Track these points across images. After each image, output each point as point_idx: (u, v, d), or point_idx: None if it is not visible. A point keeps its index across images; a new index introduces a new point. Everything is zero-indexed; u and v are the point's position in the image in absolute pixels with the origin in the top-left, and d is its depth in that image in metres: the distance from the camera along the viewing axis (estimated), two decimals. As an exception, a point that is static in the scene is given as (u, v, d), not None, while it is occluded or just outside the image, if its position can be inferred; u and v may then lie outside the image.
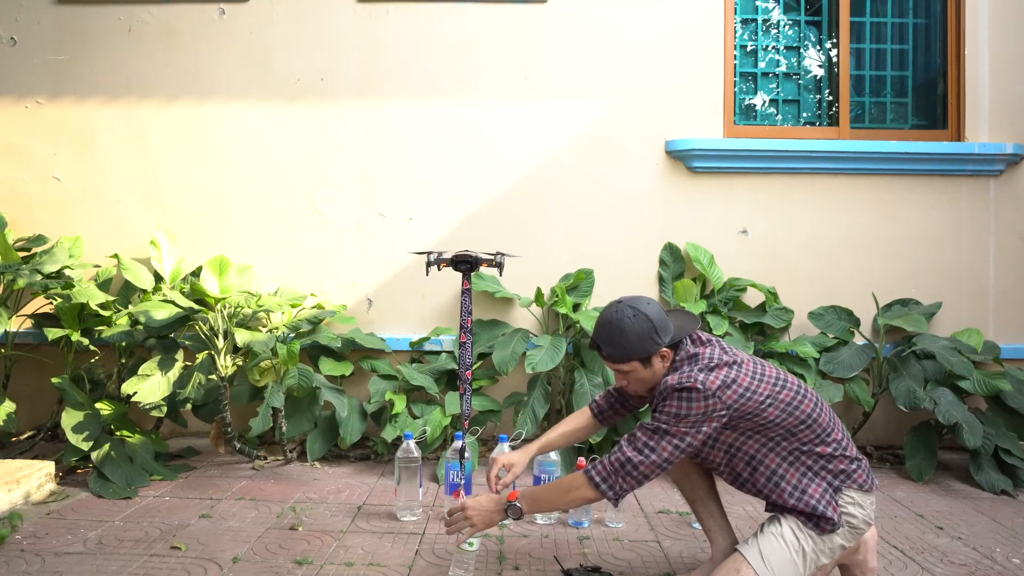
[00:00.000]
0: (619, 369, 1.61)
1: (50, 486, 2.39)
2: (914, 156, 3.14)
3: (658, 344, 1.56)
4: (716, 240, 3.20)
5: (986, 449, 2.63)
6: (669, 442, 1.47)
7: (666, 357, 1.58)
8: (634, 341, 1.55)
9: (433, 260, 2.45)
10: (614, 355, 1.59)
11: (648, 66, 3.23)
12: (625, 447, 1.49)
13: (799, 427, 1.51)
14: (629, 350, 1.56)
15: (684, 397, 1.46)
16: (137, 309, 2.65)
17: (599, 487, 1.48)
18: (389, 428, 2.70)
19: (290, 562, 1.86)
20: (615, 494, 1.49)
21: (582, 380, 2.78)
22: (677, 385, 1.47)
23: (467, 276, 2.46)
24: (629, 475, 1.47)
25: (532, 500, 1.59)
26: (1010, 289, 3.20)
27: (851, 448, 1.55)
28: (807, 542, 1.49)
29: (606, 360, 1.62)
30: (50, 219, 3.24)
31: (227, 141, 3.25)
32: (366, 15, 3.23)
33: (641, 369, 1.59)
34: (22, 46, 3.25)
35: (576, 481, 1.52)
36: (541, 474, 2.17)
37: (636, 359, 1.57)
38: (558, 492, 1.58)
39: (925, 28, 3.38)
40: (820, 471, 1.51)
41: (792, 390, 1.52)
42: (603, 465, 1.49)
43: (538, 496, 1.60)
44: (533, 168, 3.23)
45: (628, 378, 1.63)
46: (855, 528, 1.51)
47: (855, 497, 1.51)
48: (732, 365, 1.53)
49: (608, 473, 1.48)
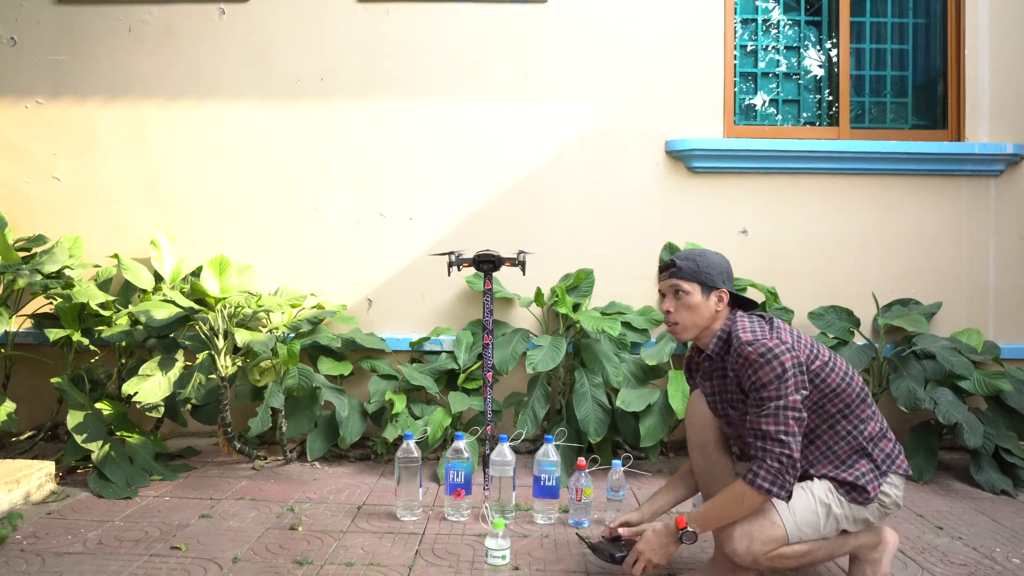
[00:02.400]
0: (679, 287, 1.65)
1: (50, 486, 2.39)
2: (914, 156, 3.14)
3: (725, 284, 1.64)
4: (716, 240, 3.20)
5: (986, 449, 2.63)
6: (792, 416, 1.48)
7: (722, 300, 1.64)
8: (709, 267, 1.63)
9: (455, 260, 2.44)
10: (685, 269, 1.64)
11: (648, 66, 3.23)
12: (770, 446, 1.48)
13: (855, 401, 1.58)
14: (701, 271, 1.63)
15: (772, 356, 1.50)
16: (137, 309, 2.65)
17: (771, 491, 1.48)
18: (389, 428, 2.70)
19: (290, 562, 1.86)
20: (787, 492, 1.49)
21: (582, 380, 2.79)
22: (760, 347, 1.51)
23: (489, 276, 2.45)
24: (790, 468, 1.48)
25: (703, 520, 1.57)
26: (1010, 289, 3.20)
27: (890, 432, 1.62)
28: (835, 503, 1.55)
29: (671, 276, 1.66)
30: (50, 219, 3.24)
31: (227, 141, 3.25)
32: (366, 15, 3.23)
33: (698, 296, 1.63)
34: (22, 46, 3.25)
35: (745, 493, 1.50)
36: (541, 474, 2.17)
37: (702, 283, 1.63)
38: (728, 508, 1.53)
39: (925, 28, 3.38)
40: (871, 451, 1.58)
41: (843, 361, 1.62)
42: (765, 471, 1.48)
43: (707, 516, 1.57)
44: (533, 168, 3.23)
45: (679, 303, 1.65)
46: (885, 507, 1.58)
47: (894, 480, 1.59)
48: (789, 329, 1.61)
49: (775, 475, 1.47)
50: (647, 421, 2.69)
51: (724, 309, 1.66)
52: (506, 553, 1.75)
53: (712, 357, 1.68)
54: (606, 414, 2.70)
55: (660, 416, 2.71)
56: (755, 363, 1.51)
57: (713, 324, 1.66)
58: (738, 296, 1.68)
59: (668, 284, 1.68)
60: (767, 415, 1.49)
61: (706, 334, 1.67)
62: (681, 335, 1.69)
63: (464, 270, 2.46)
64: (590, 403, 2.71)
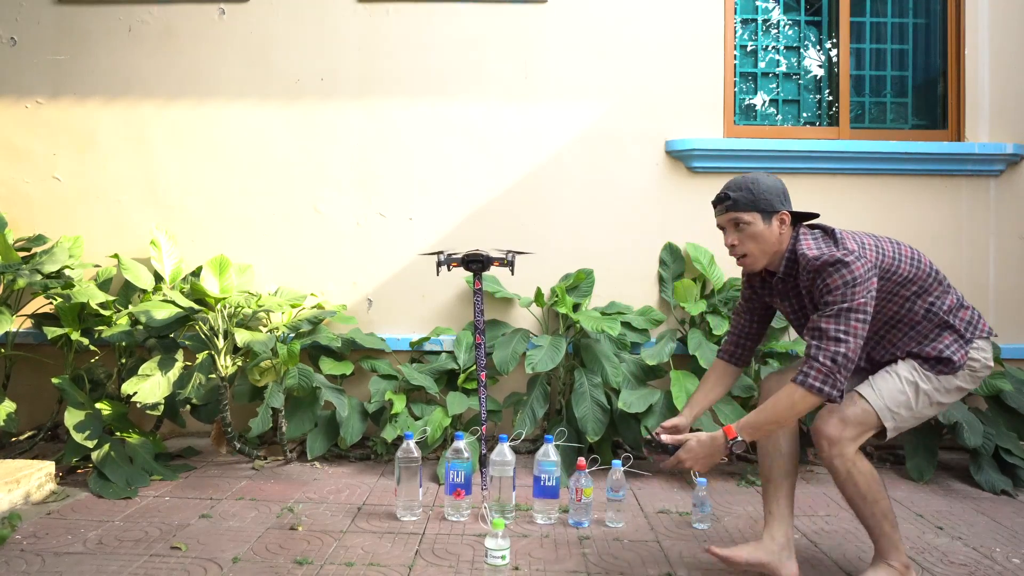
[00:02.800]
0: (738, 219, 1.64)
1: (50, 486, 2.39)
2: (914, 156, 3.14)
3: (783, 205, 1.64)
4: (716, 240, 3.19)
5: (986, 449, 2.63)
6: (855, 317, 1.50)
7: (784, 222, 1.64)
8: (764, 192, 1.63)
9: (443, 260, 2.44)
10: (741, 200, 1.63)
11: (648, 66, 3.23)
12: (824, 344, 1.50)
13: (928, 281, 1.62)
14: (758, 199, 1.63)
15: (841, 265, 1.51)
16: (137, 309, 2.65)
17: (822, 391, 1.49)
18: (389, 428, 2.70)
19: (290, 562, 1.86)
20: (839, 391, 1.50)
21: (582, 380, 2.78)
22: (829, 259, 1.52)
23: (479, 276, 2.46)
24: (843, 367, 1.49)
25: (753, 428, 1.57)
26: (1010, 289, 3.20)
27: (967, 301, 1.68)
28: (922, 380, 1.60)
29: (728, 210, 1.66)
30: (50, 219, 3.24)
31: (227, 141, 3.25)
32: (366, 15, 3.23)
33: (760, 224, 1.63)
34: (22, 46, 3.25)
35: (794, 395, 1.51)
36: (541, 474, 2.17)
37: (760, 211, 1.63)
38: (780, 411, 1.54)
39: (925, 28, 3.38)
40: (952, 322, 1.62)
41: (907, 247, 1.66)
42: (816, 370, 1.49)
43: (757, 422, 1.57)
44: (533, 168, 3.23)
45: (742, 235, 1.66)
46: (975, 372, 1.63)
47: (980, 344, 1.64)
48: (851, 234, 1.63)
49: (826, 375, 1.49)
50: (648, 422, 2.69)
51: (787, 230, 1.66)
52: (506, 553, 1.75)
53: (784, 278, 1.69)
54: (605, 414, 2.70)
55: (661, 417, 2.70)
56: (823, 275, 1.53)
57: (781, 247, 1.67)
58: (798, 212, 1.69)
59: (727, 218, 1.67)
60: (829, 315, 1.51)
61: (776, 257, 1.68)
62: (753, 266, 1.69)
63: (455, 270, 2.46)
64: (590, 403, 2.71)
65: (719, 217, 1.71)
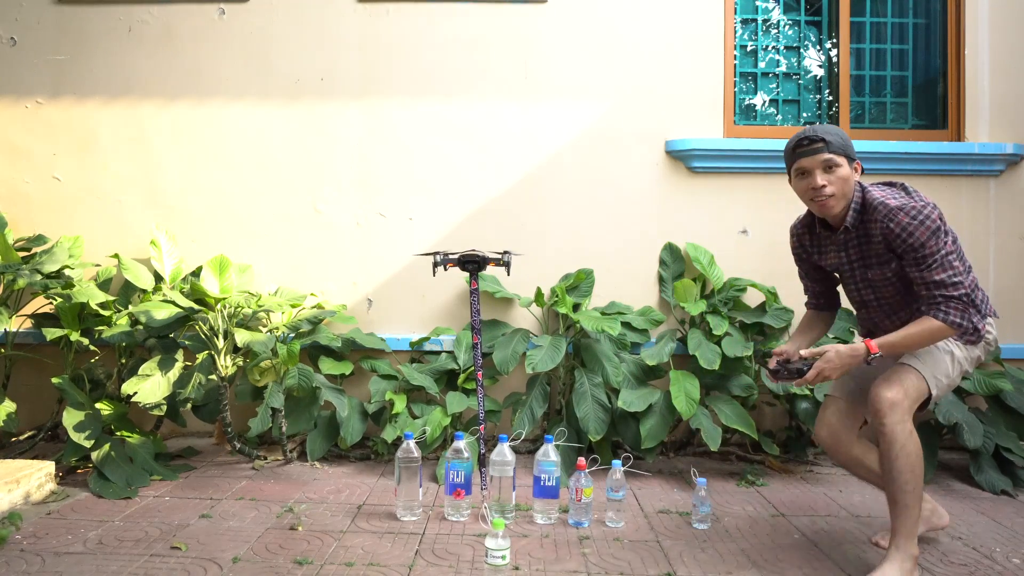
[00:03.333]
0: (830, 162, 1.74)
1: (50, 486, 2.39)
2: (914, 156, 3.14)
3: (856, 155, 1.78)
4: (716, 240, 3.20)
5: (986, 449, 2.63)
6: (952, 259, 1.66)
7: (858, 171, 1.78)
8: (849, 140, 1.77)
9: (440, 260, 2.45)
10: (835, 143, 1.74)
11: (648, 66, 3.23)
12: (948, 291, 1.65)
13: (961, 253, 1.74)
14: (847, 144, 1.76)
15: (922, 218, 1.65)
16: (137, 309, 2.65)
17: (961, 324, 1.66)
18: (389, 428, 2.70)
19: (290, 562, 1.86)
20: (973, 325, 1.68)
21: (582, 380, 2.78)
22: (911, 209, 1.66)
23: (475, 276, 2.46)
24: (972, 303, 1.67)
25: (890, 346, 1.70)
26: (1010, 289, 3.20)
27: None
28: (956, 348, 1.76)
29: (820, 151, 1.74)
30: (50, 219, 3.24)
31: (227, 141, 3.25)
32: (366, 15, 3.23)
33: (846, 168, 1.75)
34: (22, 46, 3.25)
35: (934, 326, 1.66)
36: (541, 474, 2.17)
37: (848, 155, 1.75)
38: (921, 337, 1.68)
39: (925, 28, 3.38)
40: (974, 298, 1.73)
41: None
42: (952, 308, 1.65)
43: (895, 342, 1.70)
44: (533, 168, 3.23)
45: (832, 176, 1.75)
46: (988, 344, 1.81)
47: (991, 321, 1.83)
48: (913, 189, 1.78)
49: (962, 310, 1.66)
50: (648, 422, 2.69)
51: (860, 169, 1.79)
52: (506, 553, 1.75)
53: (849, 227, 1.80)
54: (606, 414, 2.70)
55: (661, 417, 2.71)
56: (909, 226, 1.65)
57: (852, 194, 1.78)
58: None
59: (821, 159, 1.75)
60: (935, 266, 1.65)
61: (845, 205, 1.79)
62: (835, 207, 1.78)
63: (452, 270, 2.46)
64: (590, 403, 2.71)
65: (808, 159, 1.77)
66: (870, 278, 1.83)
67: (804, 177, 1.79)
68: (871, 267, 1.81)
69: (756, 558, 1.93)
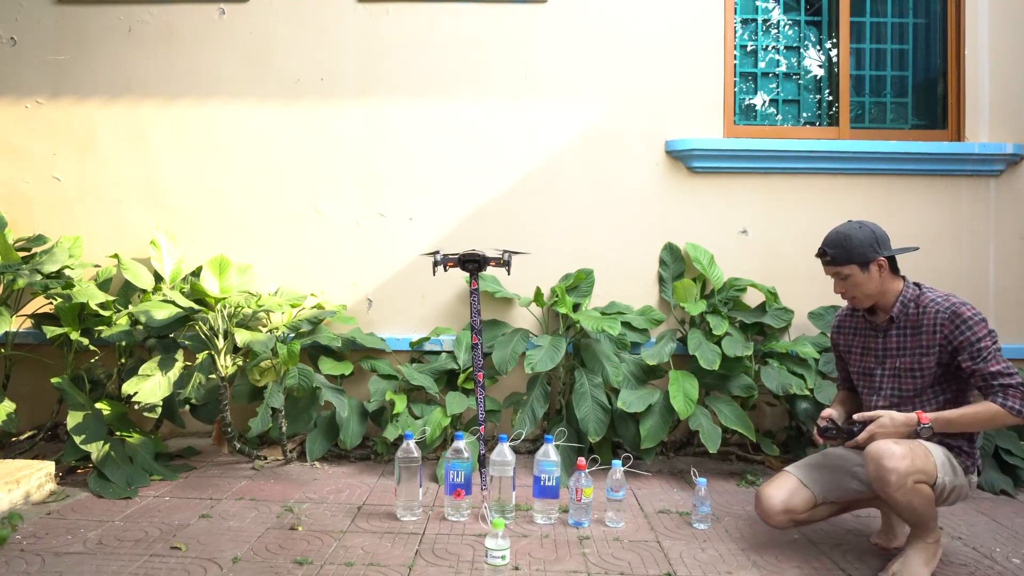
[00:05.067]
0: (839, 273, 1.88)
1: (50, 486, 2.39)
2: (914, 156, 3.14)
3: (877, 253, 1.85)
4: (716, 240, 3.20)
5: (986, 449, 2.63)
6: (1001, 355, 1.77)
7: (883, 267, 1.87)
8: (856, 246, 1.85)
9: (440, 260, 2.45)
10: (837, 257, 1.87)
11: (648, 66, 3.23)
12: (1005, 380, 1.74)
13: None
14: (851, 253, 1.85)
15: (980, 317, 1.77)
16: (137, 309, 2.65)
17: (1021, 412, 1.73)
18: (389, 428, 2.70)
19: (290, 562, 1.86)
20: None
21: (582, 380, 2.78)
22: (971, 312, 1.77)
23: (475, 276, 2.46)
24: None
25: (945, 422, 1.77)
26: (1010, 289, 3.20)
27: None
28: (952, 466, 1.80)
29: (828, 264, 1.89)
30: (50, 219, 3.24)
31: (227, 141, 3.25)
32: (366, 15, 3.23)
33: (859, 273, 1.86)
34: (22, 46, 3.25)
35: (995, 412, 1.74)
36: (541, 474, 2.17)
37: (856, 263, 1.85)
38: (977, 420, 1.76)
39: (925, 28, 3.38)
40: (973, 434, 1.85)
41: None
42: (1013, 396, 1.73)
43: (951, 419, 1.77)
44: (533, 168, 3.23)
45: (846, 284, 1.89)
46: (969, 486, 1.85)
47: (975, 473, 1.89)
48: None
49: (1021, 398, 1.73)
50: (648, 422, 2.69)
51: (887, 273, 1.88)
52: (506, 553, 1.75)
53: (893, 318, 1.89)
54: (606, 414, 2.70)
55: (661, 417, 2.71)
56: (970, 320, 1.77)
57: (884, 287, 1.89)
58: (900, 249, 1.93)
59: (831, 271, 1.91)
60: (991, 358, 1.75)
61: (884, 298, 1.90)
62: (862, 305, 1.93)
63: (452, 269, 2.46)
64: (590, 403, 2.71)
65: (824, 269, 1.94)
66: (899, 367, 1.89)
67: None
68: (906, 356, 1.88)
69: (756, 558, 1.93)
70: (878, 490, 1.72)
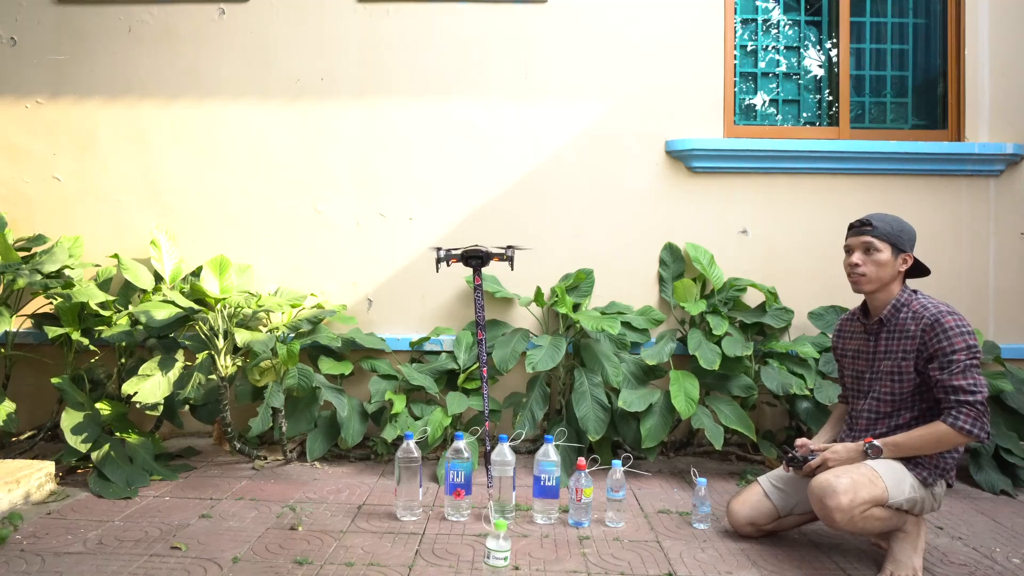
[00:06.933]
0: (872, 245, 1.85)
1: (50, 486, 2.39)
2: (914, 156, 3.14)
3: (911, 248, 1.86)
4: (716, 240, 3.20)
5: (986, 449, 2.63)
6: (975, 371, 1.71)
7: (907, 262, 1.86)
8: (901, 231, 1.85)
9: (443, 256, 2.44)
10: (882, 230, 1.84)
11: (648, 66, 3.23)
12: (965, 396, 1.69)
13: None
14: (897, 234, 1.84)
15: (964, 330, 1.73)
16: (137, 309, 2.65)
17: (972, 432, 1.69)
18: (389, 428, 2.70)
19: (290, 562, 1.86)
20: (986, 433, 1.70)
21: (582, 380, 2.78)
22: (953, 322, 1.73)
23: (478, 272, 2.45)
24: (984, 413, 1.70)
25: (895, 446, 1.78)
26: (1010, 289, 3.20)
27: None
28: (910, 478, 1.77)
29: (867, 234, 1.85)
30: (50, 219, 3.24)
31: (227, 141, 3.25)
32: (366, 15, 3.23)
33: (888, 257, 1.84)
34: (22, 46, 3.25)
35: (943, 433, 1.72)
36: (541, 474, 2.17)
37: (894, 245, 1.84)
38: (925, 442, 1.75)
39: (925, 28, 3.38)
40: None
41: None
42: (965, 415, 1.69)
43: (900, 443, 1.77)
44: (533, 168, 3.23)
45: (869, 261, 1.85)
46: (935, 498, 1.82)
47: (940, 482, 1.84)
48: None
49: (975, 419, 1.69)
50: (648, 421, 2.69)
51: (911, 262, 1.86)
52: (507, 554, 1.75)
53: (884, 321, 1.88)
54: (606, 414, 2.70)
55: (661, 416, 2.71)
56: (951, 330, 1.72)
57: (891, 284, 1.87)
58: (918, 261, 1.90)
59: (861, 240, 1.87)
60: (958, 372, 1.71)
61: (883, 293, 1.88)
62: (864, 286, 1.88)
63: (454, 268, 2.46)
64: (590, 403, 2.71)
65: (853, 238, 1.90)
66: (882, 370, 1.88)
67: (847, 254, 1.92)
68: (889, 359, 1.86)
69: (756, 558, 1.93)
70: (828, 527, 1.76)
